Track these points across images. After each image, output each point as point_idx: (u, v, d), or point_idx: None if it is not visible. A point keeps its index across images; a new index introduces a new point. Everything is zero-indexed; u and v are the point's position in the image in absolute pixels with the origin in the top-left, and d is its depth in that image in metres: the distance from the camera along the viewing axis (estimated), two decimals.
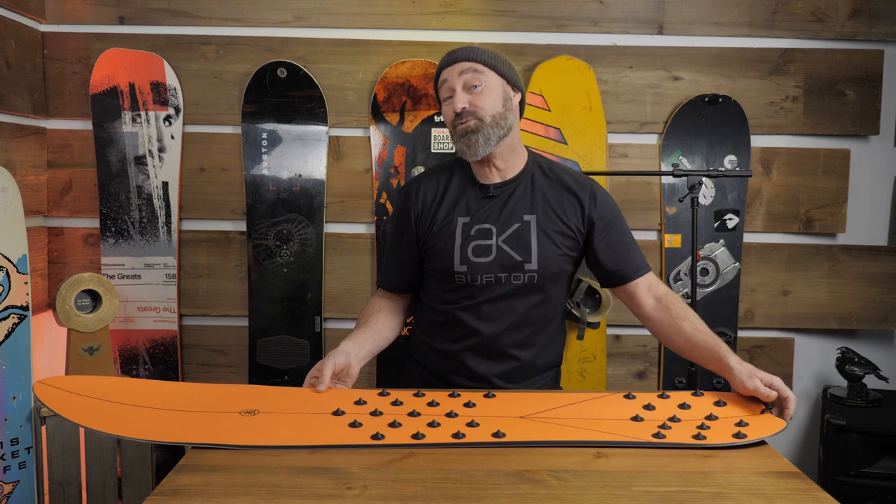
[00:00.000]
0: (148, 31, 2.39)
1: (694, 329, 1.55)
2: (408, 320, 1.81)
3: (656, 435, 1.27)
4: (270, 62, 2.36)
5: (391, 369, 2.43)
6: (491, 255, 1.59)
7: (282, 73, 2.37)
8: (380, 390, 1.44)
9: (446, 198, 1.64)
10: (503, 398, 1.44)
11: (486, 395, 1.43)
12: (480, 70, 1.57)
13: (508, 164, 1.64)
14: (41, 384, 1.33)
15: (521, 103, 1.67)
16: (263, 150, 2.39)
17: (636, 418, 1.33)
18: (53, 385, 1.34)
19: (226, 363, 2.49)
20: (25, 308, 1.95)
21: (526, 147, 1.71)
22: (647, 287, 1.65)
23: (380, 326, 1.68)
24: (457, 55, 1.60)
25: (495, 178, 1.64)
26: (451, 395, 1.42)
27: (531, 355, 1.65)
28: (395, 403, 1.37)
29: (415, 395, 1.42)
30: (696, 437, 1.26)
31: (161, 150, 2.39)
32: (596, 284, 2.30)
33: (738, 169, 2.42)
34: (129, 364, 2.41)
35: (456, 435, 1.25)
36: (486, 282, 1.59)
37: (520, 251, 1.59)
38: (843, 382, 2.44)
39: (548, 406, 1.40)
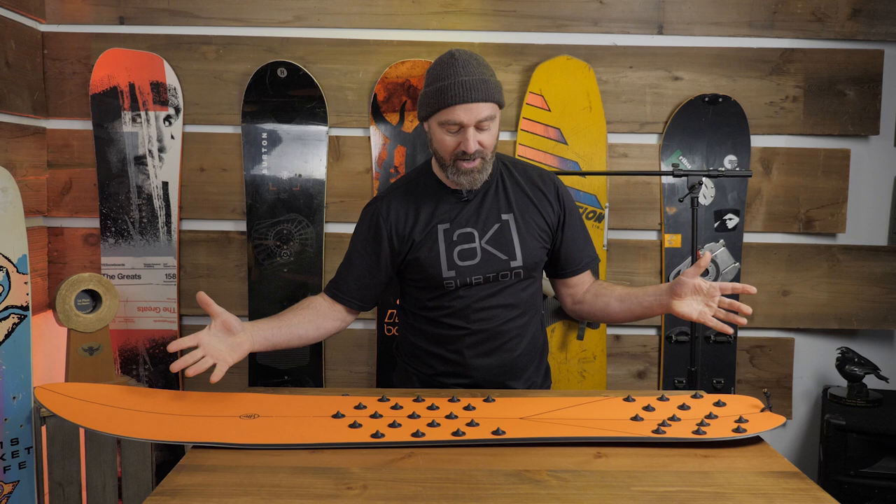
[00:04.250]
0: (148, 31, 2.39)
1: (625, 288, 1.68)
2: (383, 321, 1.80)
3: (656, 431, 1.27)
4: (270, 62, 2.36)
5: (392, 372, 2.43)
6: (476, 257, 1.62)
7: (282, 73, 2.37)
8: (379, 395, 1.44)
9: (422, 210, 1.64)
10: (502, 402, 1.44)
11: (485, 400, 1.44)
12: (493, 112, 1.54)
13: None
14: (42, 389, 1.34)
15: None
16: (263, 150, 2.39)
17: (636, 418, 1.33)
18: (55, 391, 1.35)
19: None
20: (25, 308, 1.95)
21: None
22: (590, 274, 1.76)
23: (294, 322, 1.61)
24: (475, 93, 1.50)
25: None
26: (450, 400, 1.43)
27: (525, 343, 1.68)
28: (395, 408, 1.38)
29: (414, 399, 1.42)
30: (696, 432, 1.27)
31: (161, 150, 2.39)
32: None
33: (738, 169, 2.42)
34: (129, 364, 2.41)
35: (456, 433, 1.26)
36: (475, 282, 1.62)
37: (503, 250, 1.62)
38: (843, 382, 2.44)
39: (547, 408, 1.40)
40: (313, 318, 1.64)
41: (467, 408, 1.39)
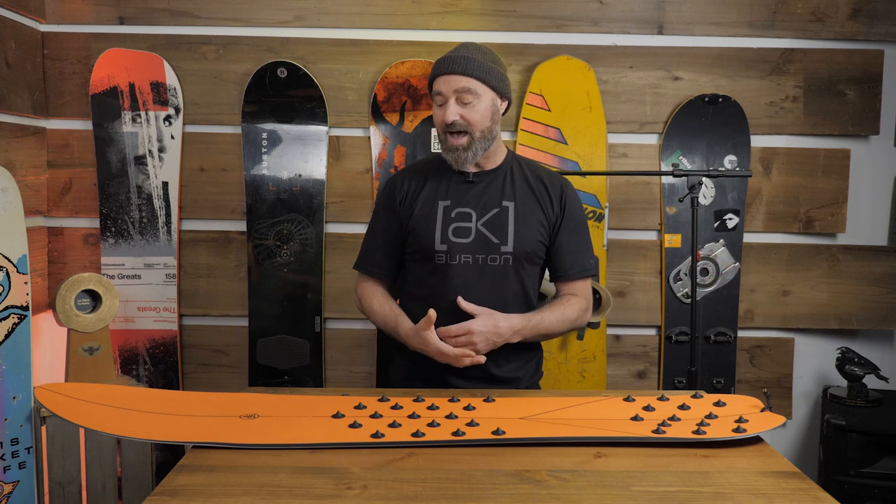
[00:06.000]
0: (148, 31, 2.39)
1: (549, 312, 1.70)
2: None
3: (656, 431, 1.27)
4: (270, 62, 2.36)
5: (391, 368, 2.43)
6: (470, 236, 1.67)
7: (282, 73, 2.37)
8: (379, 395, 1.44)
9: (427, 184, 1.73)
10: (502, 402, 1.44)
11: (485, 400, 1.44)
12: (474, 87, 1.63)
13: (488, 160, 1.74)
14: (42, 389, 1.34)
15: (507, 107, 1.75)
16: (263, 150, 2.39)
17: (636, 418, 1.33)
18: (55, 391, 1.35)
19: (226, 363, 2.49)
20: (25, 308, 1.95)
21: (505, 144, 1.81)
22: (576, 285, 1.75)
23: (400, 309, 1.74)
24: (453, 66, 1.62)
25: (473, 169, 1.73)
26: (450, 400, 1.43)
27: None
28: (395, 408, 1.38)
29: (414, 400, 1.43)
30: (696, 432, 1.27)
31: (161, 150, 2.39)
32: (596, 285, 2.30)
33: (738, 169, 2.42)
34: (129, 364, 2.41)
35: (456, 433, 1.26)
36: (463, 261, 1.66)
37: (497, 234, 1.67)
38: (843, 382, 2.44)
39: (547, 408, 1.40)
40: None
41: (467, 408, 1.39)
